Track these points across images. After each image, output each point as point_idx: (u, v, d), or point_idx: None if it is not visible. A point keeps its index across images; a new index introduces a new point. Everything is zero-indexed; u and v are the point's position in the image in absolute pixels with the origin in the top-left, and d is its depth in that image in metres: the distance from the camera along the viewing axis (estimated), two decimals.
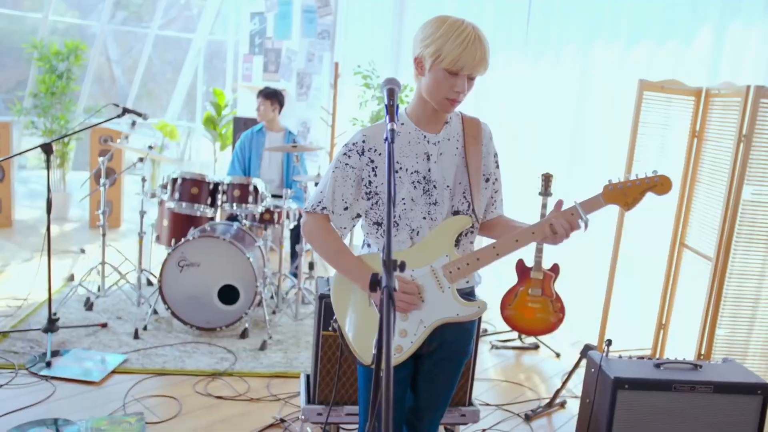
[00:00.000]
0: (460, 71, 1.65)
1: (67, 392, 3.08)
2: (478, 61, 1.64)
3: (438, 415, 2.02)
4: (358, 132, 1.83)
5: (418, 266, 1.79)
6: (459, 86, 1.67)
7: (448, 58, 1.63)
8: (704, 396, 2.34)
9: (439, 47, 1.64)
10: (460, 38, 1.62)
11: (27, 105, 6.44)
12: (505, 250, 1.78)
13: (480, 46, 1.64)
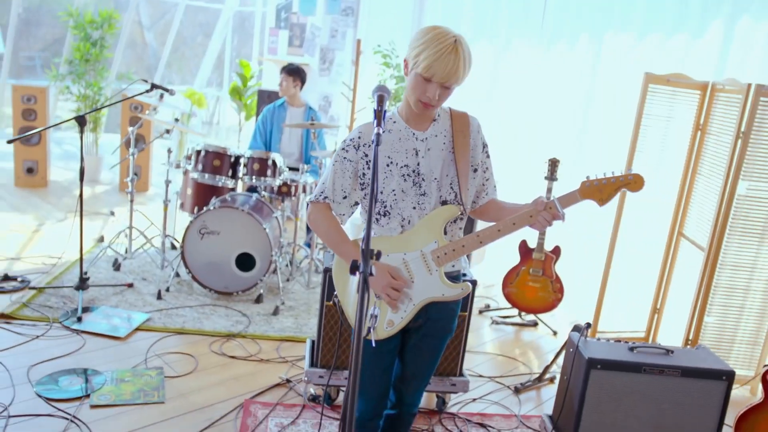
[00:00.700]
0: (431, 78, 1.82)
1: (96, 345, 3.38)
2: (448, 72, 1.80)
3: (422, 384, 2.24)
4: (355, 128, 2.02)
5: (409, 251, 1.99)
6: (430, 92, 1.84)
7: (422, 64, 1.81)
8: (672, 379, 2.53)
9: (419, 53, 1.81)
10: (437, 48, 1.78)
11: (62, 71, 6.71)
12: (488, 238, 1.98)
13: (454, 58, 1.80)
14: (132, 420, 2.77)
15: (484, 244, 1.98)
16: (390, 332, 2.01)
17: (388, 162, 1.96)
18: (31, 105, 6.08)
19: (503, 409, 3.24)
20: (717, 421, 2.57)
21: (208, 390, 3.09)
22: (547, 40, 4.75)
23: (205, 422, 2.81)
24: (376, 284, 1.91)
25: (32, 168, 6.31)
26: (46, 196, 6.14)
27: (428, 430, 2.98)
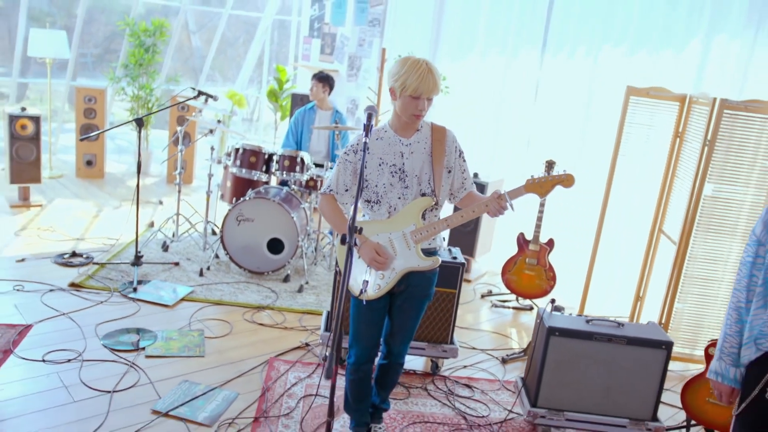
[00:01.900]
0: (420, 96, 2.40)
1: (148, 311, 4.04)
2: (431, 88, 2.39)
3: (407, 338, 2.80)
4: (355, 137, 2.60)
5: (394, 231, 2.57)
6: (420, 106, 2.42)
7: (410, 88, 2.38)
8: (619, 347, 3.04)
9: (404, 81, 2.39)
10: (417, 74, 2.36)
11: (119, 74, 7.45)
12: (454, 222, 2.54)
13: (431, 77, 2.38)
14: (177, 368, 3.41)
15: (451, 227, 2.55)
16: (378, 294, 2.59)
17: (380, 162, 2.54)
18: (92, 105, 6.82)
19: (489, 375, 3.79)
20: (658, 384, 3.07)
21: (240, 349, 3.71)
22: (549, 51, 5.25)
23: (237, 373, 3.43)
24: (365, 256, 2.49)
25: (91, 161, 7.06)
26: (103, 186, 6.88)
27: (422, 387, 3.55)
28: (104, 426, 2.84)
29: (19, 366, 3.24)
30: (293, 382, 3.40)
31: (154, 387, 3.20)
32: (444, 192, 2.64)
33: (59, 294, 4.10)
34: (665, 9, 4.55)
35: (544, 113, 5.40)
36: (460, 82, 5.91)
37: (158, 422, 2.93)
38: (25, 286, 4.16)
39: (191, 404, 3.08)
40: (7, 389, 3.03)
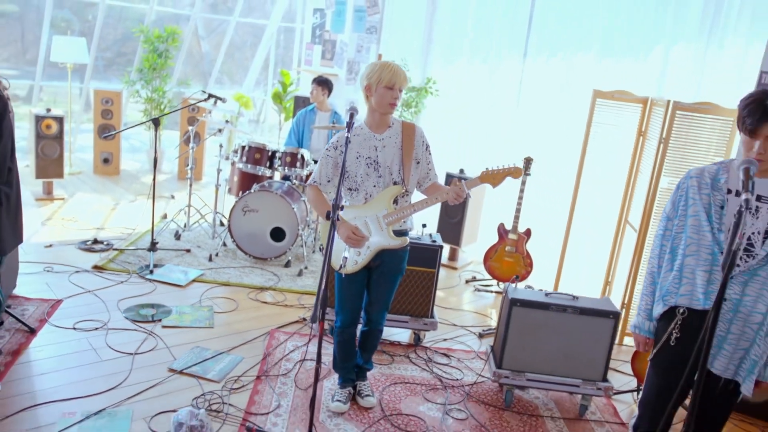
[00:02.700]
0: (394, 86, 2.88)
1: (163, 290, 4.53)
2: (402, 79, 2.89)
3: (383, 308, 3.26)
4: (335, 135, 3.08)
5: (369, 214, 3.04)
6: (395, 95, 2.90)
7: (385, 79, 2.86)
8: (572, 316, 3.49)
9: (379, 75, 2.86)
10: (389, 69, 2.85)
11: (133, 78, 7.96)
12: (420, 207, 3.01)
13: (401, 71, 2.89)
14: (190, 336, 3.89)
15: (417, 211, 3.01)
16: (356, 268, 3.06)
17: (358, 155, 3.01)
18: (109, 106, 7.33)
19: (465, 347, 4.26)
20: (607, 349, 3.52)
21: (245, 322, 4.19)
22: (530, 58, 5.72)
23: (242, 341, 3.91)
24: (342, 235, 2.96)
25: (108, 158, 7.57)
26: (118, 181, 7.39)
27: (405, 356, 4.02)
28: (128, 380, 3.32)
29: (53, 333, 3.73)
30: (291, 349, 3.88)
31: (170, 351, 3.68)
32: (412, 181, 3.10)
33: (84, 275, 4.60)
34: (631, 20, 5.01)
35: (525, 114, 5.86)
36: (449, 86, 6.39)
37: (174, 378, 3.41)
38: (53, 267, 4.65)
39: (202, 365, 3.56)
40: (45, 350, 3.52)
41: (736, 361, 2.37)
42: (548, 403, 3.67)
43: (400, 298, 4.09)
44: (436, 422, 3.32)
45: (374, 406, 3.38)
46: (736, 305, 2.33)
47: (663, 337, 2.49)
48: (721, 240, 2.36)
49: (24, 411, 2.95)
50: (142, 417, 3.03)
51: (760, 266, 2.32)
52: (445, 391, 3.64)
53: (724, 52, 4.40)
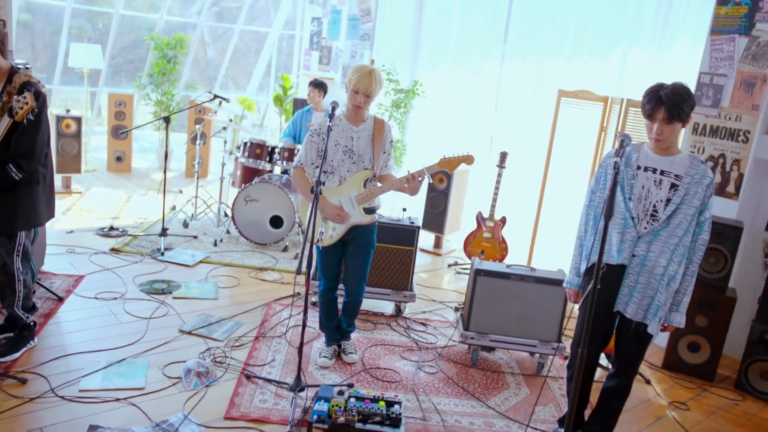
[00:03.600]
0: (358, 90, 3.41)
1: (173, 269, 5.06)
2: (366, 86, 3.36)
3: (360, 279, 3.74)
4: (317, 123, 3.61)
5: (343, 195, 3.56)
6: (358, 99, 3.42)
7: (351, 83, 3.39)
8: (529, 285, 4.01)
9: (350, 78, 3.40)
10: (359, 75, 3.37)
11: (144, 82, 8.53)
12: (385, 189, 3.52)
13: (369, 79, 3.35)
14: (197, 306, 4.42)
15: (383, 193, 3.54)
16: (331, 241, 3.60)
17: (336, 143, 3.55)
18: (122, 108, 7.90)
19: (442, 318, 4.78)
20: (561, 314, 4.04)
21: (246, 295, 4.73)
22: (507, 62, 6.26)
23: (242, 310, 4.44)
24: (329, 214, 3.49)
25: (120, 157, 8.14)
26: (130, 178, 7.95)
27: (386, 324, 4.54)
28: (143, 339, 3.86)
29: (78, 301, 4.27)
30: (285, 317, 4.41)
31: (180, 317, 4.22)
32: (380, 167, 3.63)
33: (102, 256, 5.15)
34: (598, 24, 5.55)
35: (502, 113, 6.40)
36: (435, 88, 6.93)
37: (183, 338, 3.94)
38: (75, 249, 5.21)
39: (208, 327, 4.10)
40: (71, 315, 4.06)
41: (645, 306, 2.90)
42: (510, 362, 4.19)
43: (382, 273, 4.62)
44: (410, 375, 3.84)
45: (356, 362, 3.90)
46: (643, 260, 2.86)
47: (588, 287, 3.01)
48: (631, 207, 2.89)
49: (57, 359, 3.49)
50: (156, 365, 3.56)
51: (662, 228, 2.85)
52: (420, 352, 4.16)
53: (674, 53, 4.92)
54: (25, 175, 3.20)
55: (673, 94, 2.73)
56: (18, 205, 3.24)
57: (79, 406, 3.10)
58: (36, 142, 3.19)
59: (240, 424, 3.12)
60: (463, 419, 3.42)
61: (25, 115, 3.03)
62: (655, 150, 2.90)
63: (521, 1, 6.09)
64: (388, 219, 4.65)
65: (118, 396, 3.22)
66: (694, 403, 3.97)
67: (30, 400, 3.10)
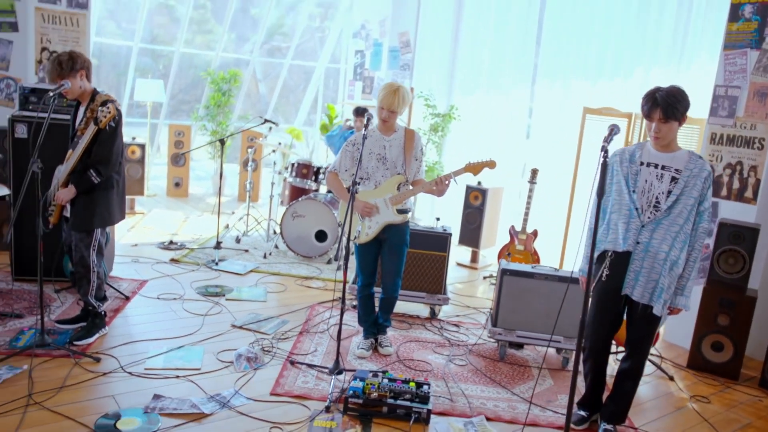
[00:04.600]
0: (383, 107, 3.82)
1: (226, 277, 5.52)
2: (389, 103, 3.78)
3: (395, 276, 4.11)
4: (352, 135, 4.03)
5: (378, 198, 3.95)
6: (384, 115, 3.83)
7: (378, 100, 3.81)
8: (553, 283, 4.28)
9: (378, 96, 3.82)
10: (385, 92, 3.78)
11: (201, 114, 9.21)
12: (416, 192, 3.91)
13: (393, 96, 3.76)
14: (247, 306, 4.84)
15: (414, 194, 3.93)
16: (367, 239, 3.98)
17: (370, 152, 3.96)
18: (180, 138, 8.56)
19: (475, 321, 5.07)
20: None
21: (292, 299, 5.13)
22: (537, 85, 6.62)
23: (288, 310, 4.84)
24: (357, 208, 3.88)
25: (179, 183, 8.77)
26: (188, 202, 8.55)
27: (421, 325, 4.86)
28: (200, 331, 4.28)
29: (142, 301, 4.75)
30: (328, 317, 4.79)
31: (232, 314, 4.64)
32: (411, 173, 4.01)
33: (163, 265, 5.65)
34: (618, 46, 5.87)
35: (534, 133, 6.74)
36: (470, 112, 7.33)
37: (235, 331, 4.35)
38: (139, 259, 5.73)
39: (257, 323, 4.50)
40: (137, 310, 4.54)
41: (650, 289, 3.16)
42: (537, 358, 4.44)
43: (417, 277, 4.96)
44: (441, 366, 4.14)
45: (391, 355, 4.23)
46: (646, 246, 3.14)
47: (598, 273, 3.30)
48: (635, 199, 3.18)
49: (125, 344, 3.95)
50: (211, 352, 3.98)
51: (664, 217, 3.13)
52: (451, 347, 4.46)
53: (692, 71, 5.19)
54: (102, 179, 3.71)
55: (668, 95, 3.04)
56: (95, 205, 3.75)
57: (144, 381, 3.53)
58: (112, 152, 3.71)
59: (284, 399, 3.48)
60: (488, 402, 3.70)
61: (108, 122, 3.56)
62: (656, 147, 3.20)
63: (548, 28, 6.48)
64: (422, 227, 5.01)
65: (178, 374, 3.64)
66: (716, 397, 4.14)
67: (103, 374, 3.54)
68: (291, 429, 3.20)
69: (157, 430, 3.05)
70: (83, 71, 3.71)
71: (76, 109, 3.86)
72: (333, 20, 10.00)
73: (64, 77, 3.63)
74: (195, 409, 3.26)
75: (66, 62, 3.62)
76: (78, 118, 3.80)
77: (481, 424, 3.43)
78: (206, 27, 9.85)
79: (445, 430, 3.33)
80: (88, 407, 3.20)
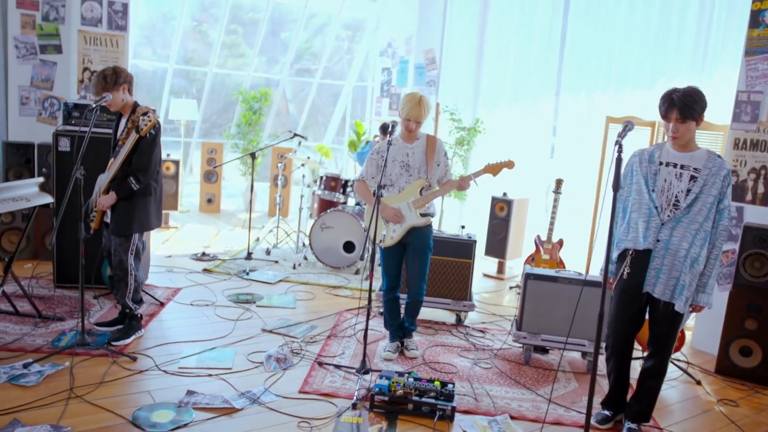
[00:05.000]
0: (410, 119, 3.94)
1: (257, 286, 5.67)
2: (415, 115, 3.91)
3: (420, 279, 4.20)
4: (377, 144, 4.17)
5: (402, 202, 4.07)
6: (410, 125, 3.96)
7: (403, 112, 3.94)
8: (577, 287, 4.32)
9: (402, 107, 3.95)
10: (409, 104, 3.92)
11: (232, 132, 9.48)
12: (438, 194, 4.03)
13: (418, 108, 3.90)
14: (277, 313, 4.97)
15: (436, 197, 4.05)
16: (392, 242, 4.09)
17: (393, 159, 4.09)
18: (213, 155, 8.81)
19: (500, 327, 5.12)
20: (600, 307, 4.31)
21: (320, 306, 5.25)
22: (561, 97, 6.70)
23: (317, 316, 4.96)
24: (388, 214, 4.00)
25: (211, 199, 9.01)
26: (219, 217, 8.78)
27: (447, 331, 4.93)
28: (231, 335, 4.42)
29: (176, 307, 4.92)
30: (355, 323, 4.89)
31: (262, 320, 4.78)
32: (434, 178, 4.13)
33: (196, 275, 5.83)
34: (640, 57, 5.94)
35: (558, 146, 6.80)
36: (494, 125, 7.43)
37: (265, 335, 4.48)
38: (173, 269, 5.92)
39: (286, 328, 4.63)
40: (171, 315, 4.70)
41: (671, 287, 3.20)
42: (562, 363, 4.47)
43: (442, 284, 5.04)
44: (466, 369, 4.20)
45: (417, 358, 4.31)
46: (666, 244, 3.19)
47: (619, 272, 3.35)
48: (654, 198, 3.24)
49: (160, 345, 4.10)
50: (242, 353, 4.11)
51: (683, 215, 3.18)
52: (477, 351, 4.52)
53: (714, 79, 5.23)
54: (141, 186, 3.91)
55: (684, 96, 3.12)
56: (134, 211, 3.94)
57: (178, 378, 3.67)
58: (151, 160, 3.91)
59: (312, 397, 3.59)
60: (513, 402, 3.75)
61: (148, 130, 3.76)
62: (675, 147, 3.26)
63: (571, 40, 6.58)
64: (447, 235, 5.10)
65: (210, 373, 3.77)
66: (744, 401, 4.11)
67: (139, 372, 3.69)
68: (318, 424, 3.29)
69: (190, 421, 3.18)
70: (126, 85, 3.94)
71: (118, 121, 4.09)
72: (360, 41, 10.24)
73: (108, 90, 3.86)
74: (226, 404, 3.38)
75: (110, 76, 3.85)
76: (120, 129, 4.02)
77: (505, 422, 3.48)
78: (237, 51, 10.16)
79: (470, 427, 3.39)
80: (125, 401, 3.34)
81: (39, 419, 3.08)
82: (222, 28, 9.11)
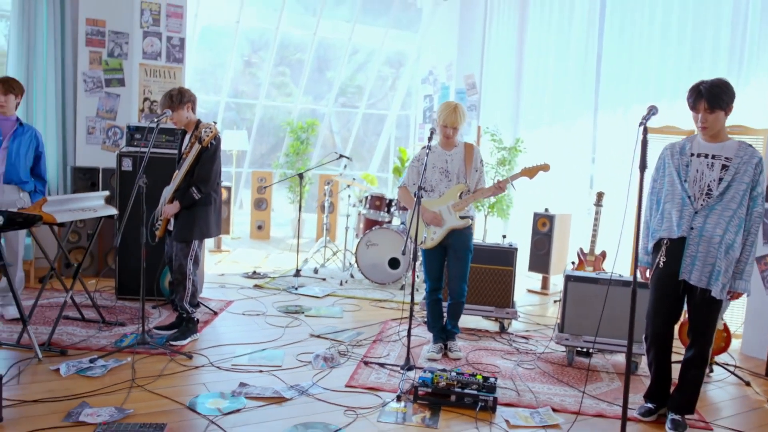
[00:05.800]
0: (446, 125, 4.13)
1: (305, 299, 5.87)
2: (452, 121, 4.11)
3: (462, 280, 4.33)
4: (418, 152, 4.36)
5: (442, 205, 4.23)
6: (447, 132, 4.15)
7: (440, 119, 4.14)
8: (617, 288, 4.36)
9: (439, 115, 4.15)
10: (445, 111, 4.11)
11: (281, 161, 9.85)
12: (477, 197, 4.18)
13: (455, 114, 4.09)
14: (325, 322, 5.15)
15: (475, 200, 4.20)
16: (433, 244, 4.24)
17: (433, 166, 4.27)
18: (262, 183, 9.17)
19: (544, 335, 5.16)
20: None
21: (366, 316, 5.40)
22: (599, 113, 6.80)
23: (363, 324, 5.11)
24: (428, 218, 4.17)
25: (261, 226, 9.34)
26: (269, 243, 9.08)
27: (491, 337, 5.01)
28: (281, 339, 4.61)
29: (229, 316, 5.15)
30: (399, 329, 5.02)
31: (311, 327, 4.96)
32: (472, 183, 4.29)
33: (248, 290, 6.08)
34: (676, 66, 6.01)
35: (598, 160, 6.87)
36: (535, 145, 7.56)
37: (313, 339, 4.66)
38: (226, 285, 6.19)
39: (334, 333, 4.79)
40: (224, 323, 4.93)
41: (707, 273, 3.25)
42: (606, 365, 4.49)
43: (485, 292, 5.14)
44: (509, 369, 4.27)
45: (461, 359, 4.40)
46: (700, 231, 3.25)
47: (655, 261, 3.42)
48: (687, 188, 3.32)
49: (214, 347, 4.32)
50: (291, 354, 4.29)
51: (716, 203, 3.25)
52: (520, 354, 4.58)
53: (751, 86, 5.27)
54: (202, 196, 4.20)
55: (712, 86, 3.22)
56: (195, 219, 4.23)
57: (231, 373, 3.87)
58: (212, 172, 4.21)
59: (358, 390, 3.73)
60: (555, 397, 3.80)
61: (210, 141, 4.07)
62: (705, 138, 3.35)
63: (607, 56, 6.71)
64: (488, 243, 5.22)
65: (261, 369, 3.96)
66: None
67: (195, 368, 3.91)
68: (364, 413, 3.43)
69: (243, 408, 3.36)
70: (189, 104, 4.29)
71: (182, 137, 4.43)
72: (402, 72, 10.58)
73: (174, 109, 4.21)
74: (276, 395, 3.55)
75: (176, 96, 4.21)
76: (184, 144, 4.36)
77: (547, 413, 3.54)
78: (285, 90, 10.62)
79: (512, 417, 3.47)
80: (181, 391, 3.55)
81: (104, 403, 3.31)
82: (269, 69, 9.56)
